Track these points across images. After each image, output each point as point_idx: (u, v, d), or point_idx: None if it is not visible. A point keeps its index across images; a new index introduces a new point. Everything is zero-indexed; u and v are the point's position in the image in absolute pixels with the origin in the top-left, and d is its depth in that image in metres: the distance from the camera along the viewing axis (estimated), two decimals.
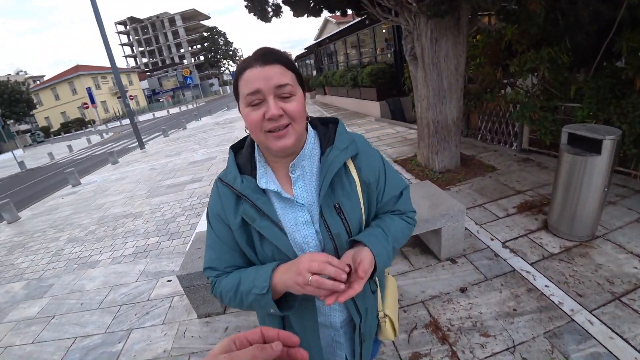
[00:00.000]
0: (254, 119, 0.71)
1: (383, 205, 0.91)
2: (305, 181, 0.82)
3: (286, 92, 0.70)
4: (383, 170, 0.91)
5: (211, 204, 0.87)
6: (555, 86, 3.86)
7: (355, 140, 0.86)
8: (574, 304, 2.15)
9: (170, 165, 8.37)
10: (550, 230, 2.91)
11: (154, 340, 2.36)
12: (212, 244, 0.86)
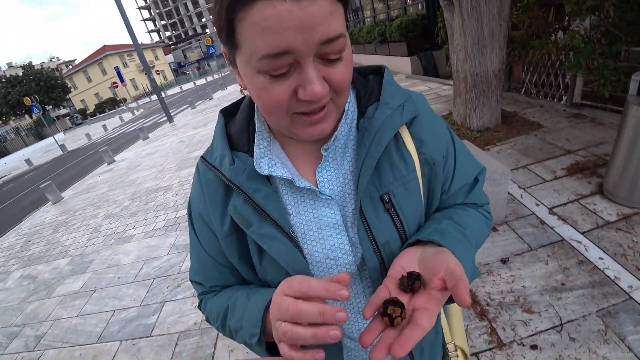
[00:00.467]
0: (275, 99, 0.41)
1: (449, 197, 0.62)
2: (337, 160, 0.55)
3: (336, 50, 0.40)
4: (452, 145, 0.61)
5: (192, 195, 0.62)
6: (621, 27, 3.26)
7: (413, 97, 0.57)
8: (633, 280, 1.91)
9: (198, 136, 8.47)
10: (606, 195, 2.58)
11: (185, 312, 2.42)
12: (195, 252, 0.63)
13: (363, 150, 0.51)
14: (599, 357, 1.57)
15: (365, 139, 0.51)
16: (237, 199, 0.53)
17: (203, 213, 0.58)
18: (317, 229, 0.54)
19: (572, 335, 1.68)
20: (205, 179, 0.57)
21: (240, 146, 0.55)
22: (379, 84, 0.57)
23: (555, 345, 1.66)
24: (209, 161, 0.56)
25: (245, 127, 0.57)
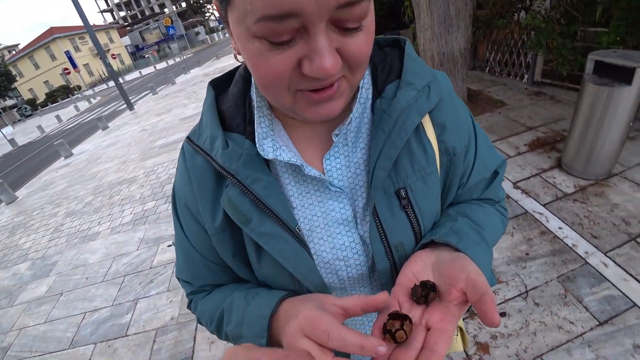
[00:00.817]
0: (273, 71, 0.33)
1: (467, 191, 0.56)
2: (347, 147, 0.47)
3: (356, 16, 0.32)
4: (474, 134, 0.54)
5: (177, 182, 0.53)
6: (579, 7, 3.40)
7: (438, 77, 0.48)
8: (588, 246, 2.06)
9: (161, 124, 8.07)
10: (564, 168, 2.74)
11: (161, 308, 2.35)
12: (182, 248, 0.55)
13: (381, 136, 0.44)
14: (560, 318, 1.70)
15: (385, 124, 0.44)
16: (232, 190, 0.44)
17: (190, 204, 0.50)
18: (325, 225, 0.47)
19: (536, 301, 1.81)
20: (192, 165, 0.48)
21: (234, 126, 0.47)
22: (399, 59, 0.49)
23: (522, 311, 1.77)
24: (197, 143, 0.47)
25: (241, 103, 0.48)
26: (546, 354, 1.56)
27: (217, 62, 19.37)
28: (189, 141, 0.49)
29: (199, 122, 0.50)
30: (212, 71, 15.33)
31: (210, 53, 29.90)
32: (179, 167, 0.52)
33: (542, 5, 3.92)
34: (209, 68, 17.23)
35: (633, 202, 2.31)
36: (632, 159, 2.70)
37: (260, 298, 0.47)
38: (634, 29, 2.86)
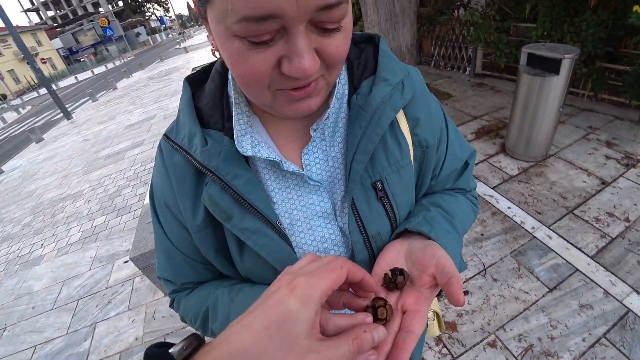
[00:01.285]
0: (253, 70, 0.34)
1: (439, 182, 0.58)
2: (325, 141, 0.48)
3: (335, 18, 0.33)
4: (445, 127, 0.56)
5: (155, 180, 0.52)
6: (511, 5, 3.72)
7: (411, 73, 0.50)
8: (534, 222, 2.26)
9: (105, 133, 7.50)
10: (508, 153, 2.98)
11: (123, 329, 2.19)
12: (162, 246, 0.54)
13: (358, 131, 0.45)
14: (516, 290, 1.85)
15: (361, 119, 0.45)
16: (212, 187, 0.45)
17: (170, 203, 0.49)
18: (305, 218, 0.48)
19: (494, 277, 1.95)
20: (171, 163, 0.48)
21: (212, 123, 0.47)
22: (374, 56, 0.50)
23: (482, 287, 1.90)
24: (175, 140, 0.46)
25: (218, 99, 0.48)
26: (507, 323, 1.70)
27: (162, 64, 18.39)
28: (166, 139, 0.48)
29: (176, 119, 0.50)
30: (157, 74, 14.53)
31: (154, 55, 28.31)
32: (157, 166, 0.52)
33: (478, 2, 4.22)
34: (153, 71, 16.30)
35: (567, 179, 2.57)
36: (564, 141, 3.01)
37: (244, 295, 0.48)
38: (557, 24, 3.19)
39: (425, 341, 1.69)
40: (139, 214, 3.12)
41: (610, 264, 1.89)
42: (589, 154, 2.79)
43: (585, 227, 2.16)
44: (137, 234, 2.27)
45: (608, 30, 2.93)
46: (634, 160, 2.65)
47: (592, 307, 1.69)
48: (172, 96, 8.96)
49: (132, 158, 5.31)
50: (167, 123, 6.66)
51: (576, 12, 3.15)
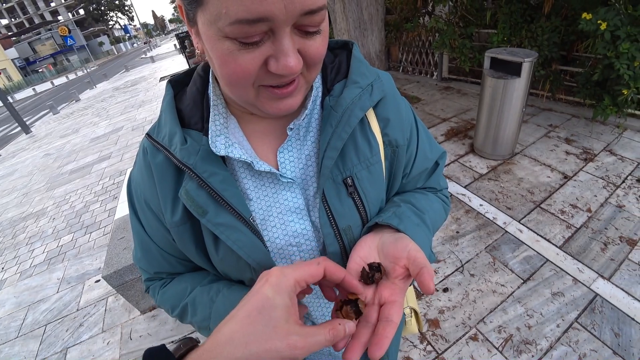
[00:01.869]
0: (242, 68, 0.37)
1: (410, 181, 0.61)
2: (299, 140, 0.51)
3: (316, 22, 0.37)
4: (415, 128, 0.59)
5: (136, 176, 0.54)
6: (472, 12, 3.92)
7: (381, 77, 0.53)
8: (505, 217, 2.37)
9: (69, 146, 7.12)
10: (476, 152, 3.11)
11: (97, 352, 2.07)
12: (139, 239, 0.57)
13: (329, 130, 0.48)
14: (493, 283, 1.92)
15: (332, 119, 0.48)
16: (189, 183, 0.47)
17: (150, 199, 0.52)
18: (278, 214, 0.51)
19: (471, 272, 2.02)
20: (155, 162, 0.50)
21: (192, 123, 0.49)
22: (347, 60, 0.54)
23: (461, 283, 1.96)
24: (156, 139, 0.49)
25: (199, 101, 0.50)
26: (487, 316, 1.76)
27: (127, 74, 17.78)
28: (148, 137, 0.51)
29: (158, 120, 0.52)
30: (123, 85, 14.03)
31: (118, 65, 27.33)
32: (138, 163, 0.54)
33: (442, 10, 4.41)
34: (119, 81, 15.73)
35: (533, 175, 2.72)
36: (528, 139, 3.18)
37: (223, 296, 0.52)
38: (516, 30, 3.39)
39: (410, 339, 1.72)
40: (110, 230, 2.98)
41: (577, 252, 2.01)
42: (551, 151, 2.97)
43: (552, 219, 2.28)
44: (109, 251, 2.16)
45: (561, 36, 3.16)
46: (591, 154, 2.84)
47: (563, 295, 1.79)
48: (139, 107, 8.67)
49: (100, 172, 5.07)
50: (135, 134, 6.42)
51: (532, 19, 3.37)
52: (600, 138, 3.03)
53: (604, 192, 2.44)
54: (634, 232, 2.09)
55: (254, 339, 0.31)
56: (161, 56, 23.28)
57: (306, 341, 0.32)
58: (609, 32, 2.45)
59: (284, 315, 0.33)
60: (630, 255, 1.95)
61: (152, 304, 2.25)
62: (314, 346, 0.33)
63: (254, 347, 0.31)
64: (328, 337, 0.34)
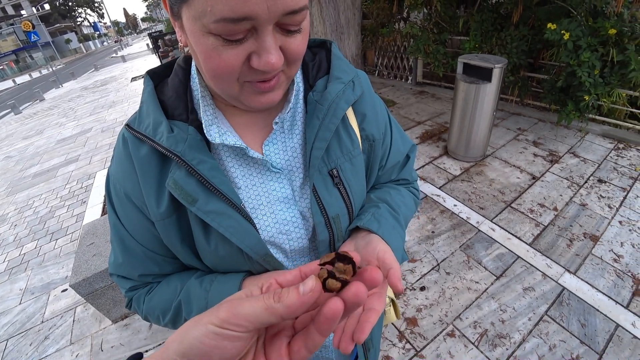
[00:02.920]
0: (226, 64, 0.38)
1: (385, 173, 0.65)
2: (284, 133, 0.53)
3: (297, 21, 0.38)
4: (389, 123, 0.63)
5: (114, 171, 0.52)
6: (446, 20, 4.06)
7: (359, 74, 0.57)
8: (478, 217, 2.45)
9: (32, 148, 6.72)
10: (450, 154, 3.21)
11: None
12: (119, 241, 0.54)
13: (316, 122, 0.50)
14: (468, 281, 1.98)
15: (318, 112, 0.50)
16: (177, 172, 0.46)
17: (132, 193, 0.49)
18: (267, 203, 0.52)
19: (447, 271, 2.07)
20: (137, 155, 0.48)
21: (176, 114, 0.49)
22: (327, 58, 0.56)
23: (437, 282, 2.01)
24: (138, 130, 0.47)
25: (182, 93, 0.50)
26: (463, 313, 1.81)
27: (97, 73, 17.08)
28: (129, 128, 0.49)
29: (138, 111, 0.50)
30: (92, 84, 13.46)
31: (87, 64, 26.17)
32: (118, 156, 0.51)
33: (417, 17, 4.54)
34: (88, 81, 15.07)
35: (504, 176, 2.84)
36: (498, 142, 3.32)
37: (219, 282, 0.51)
38: (487, 37, 3.54)
39: (389, 339, 1.74)
40: (78, 236, 2.83)
41: (545, 249, 2.12)
42: (520, 153, 3.11)
43: (522, 218, 2.39)
44: (77, 258, 2.06)
45: (529, 44, 3.32)
46: (556, 156, 3.00)
47: (534, 289, 1.87)
48: (110, 107, 8.33)
49: (67, 175, 4.82)
50: (105, 136, 6.16)
51: (502, 28, 3.54)
52: (565, 141, 3.21)
53: (569, 191, 2.58)
54: (596, 228, 2.22)
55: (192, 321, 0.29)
56: (133, 55, 22.52)
57: (233, 301, 0.28)
58: (571, 42, 2.61)
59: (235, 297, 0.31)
60: (594, 250, 2.07)
61: (125, 312, 2.15)
62: (243, 303, 0.27)
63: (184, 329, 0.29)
64: (268, 299, 0.27)
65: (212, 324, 0.27)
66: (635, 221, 2.25)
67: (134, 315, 2.16)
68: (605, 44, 2.62)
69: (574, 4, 2.77)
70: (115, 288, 2.02)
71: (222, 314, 0.27)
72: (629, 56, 2.52)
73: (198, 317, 0.28)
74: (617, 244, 2.10)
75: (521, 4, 3.23)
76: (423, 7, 3.96)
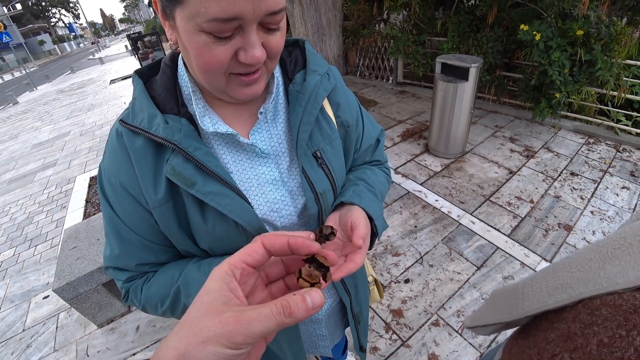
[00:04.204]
0: (216, 59, 0.43)
1: (359, 156, 0.74)
2: (267, 122, 0.59)
3: (277, 21, 0.44)
4: (360, 111, 0.72)
5: (108, 165, 0.54)
6: (424, 21, 4.17)
7: (331, 67, 0.64)
8: (459, 211, 2.54)
9: (6, 153, 6.48)
10: (431, 152, 3.30)
11: None
12: (115, 231, 0.56)
13: (299, 110, 0.56)
14: (450, 272, 2.05)
15: (300, 100, 0.57)
16: (175, 159, 0.50)
17: (128, 184, 0.52)
18: (258, 185, 0.58)
19: (430, 263, 2.14)
20: (133, 147, 0.51)
21: (167, 109, 0.53)
22: (302, 55, 0.63)
23: (421, 274, 2.08)
24: (132, 124, 0.51)
25: (172, 89, 0.54)
26: (447, 303, 1.88)
27: (73, 76, 16.58)
28: (123, 123, 0.52)
29: (131, 107, 0.53)
30: (69, 87, 13.05)
31: (62, 66, 25.33)
32: (112, 151, 0.54)
33: (396, 18, 4.63)
34: (64, 83, 14.61)
35: (482, 171, 2.94)
36: (477, 138, 3.44)
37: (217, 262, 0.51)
38: (464, 38, 3.65)
39: (376, 330, 1.79)
40: (59, 241, 2.77)
41: (523, 239, 2.21)
42: (498, 149, 3.23)
43: (500, 210, 2.49)
44: (59, 262, 2.02)
45: (504, 44, 3.46)
46: (531, 152, 3.14)
47: (513, 278, 1.96)
48: (88, 110, 8.12)
49: (44, 180, 4.68)
50: (84, 140, 6.00)
51: (478, 29, 3.66)
52: (539, 137, 3.36)
53: (544, 184, 2.70)
54: (570, 219, 2.34)
55: (187, 325, 0.29)
56: (111, 57, 21.97)
57: (241, 317, 0.28)
58: (542, 42, 2.74)
59: (221, 299, 0.30)
60: (568, 239, 2.18)
61: (110, 316, 2.12)
62: (254, 323, 0.28)
63: (183, 332, 0.29)
64: (274, 309, 0.28)
65: (225, 347, 0.27)
66: (606, 210, 2.38)
67: (120, 319, 2.13)
68: (573, 44, 2.76)
69: (544, 7, 2.90)
70: (100, 291, 1.99)
71: (238, 339, 0.27)
72: (595, 56, 2.67)
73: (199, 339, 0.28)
74: (589, 233, 2.22)
75: (495, 6, 3.36)
76: (402, 9, 4.05)
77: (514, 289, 0.47)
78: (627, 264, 0.32)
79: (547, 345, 0.35)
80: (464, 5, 3.91)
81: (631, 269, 0.31)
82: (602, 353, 0.28)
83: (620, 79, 2.97)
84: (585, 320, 0.32)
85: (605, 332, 0.29)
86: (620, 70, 2.94)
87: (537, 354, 0.36)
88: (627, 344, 0.27)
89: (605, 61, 2.68)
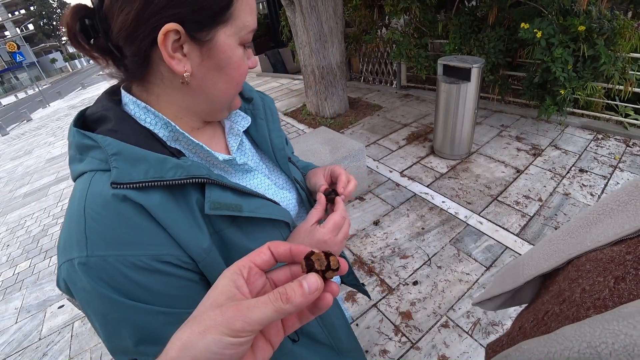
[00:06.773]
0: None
1: None
2: (242, 144, 0.66)
3: None
4: None
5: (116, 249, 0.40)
6: (426, 24, 4.19)
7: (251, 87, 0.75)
8: (466, 212, 2.52)
9: (21, 168, 6.67)
10: (436, 154, 3.29)
11: None
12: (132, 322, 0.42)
13: (262, 123, 0.65)
14: (459, 273, 2.04)
15: (259, 115, 0.65)
16: (212, 193, 0.45)
17: (162, 251, 0.42)
18: (265, 191, 0.64)
19: (438, 265, 2.13)
20: (150, 203, 0.42)
21: (157, 151, 0.46)
22: None
23: (429, 276, 2.07)
24: (135, 181, 0.41)
25: (146, 134, 0.47)
26: (456, 304, 1.86)
27: (84, 92, 17.02)
28: (121, 186, 0.41)
29: (114, 166, 0.42)
30: (79, 103, 13.40)
31: (74, 82, 26.04)
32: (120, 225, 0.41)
33: (398, 23, 4.67)
34: (75, 99, 15.00)
35: (489, 171, 2.93)
36: (482, 139, 3.42)
37: None
38: (465, 39, 3.66)
39: (385, 333, 1.78)
40: None
41: (532, 238, 2.19)
42: (504, 148, 3.21)
43: (509, 210, 2.47)
44: None
45: (505, 44, 3.45)
46: (539, 150, 3.11)
47: None
48: None
49: (58, 193, 4.79)
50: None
51: (479, 29, 3.67)
52: (546, 135, 3.33)
53: (552, 182, 2.68)
54: None
55: (192, 317, 0.31)
56: None
57: (240, 305, 0.29)
58: (544, 39, 2.73)
59: (225, 292, 0.31)
60: None
61: None
62: (253, 309, 0.28)
63: (189, 324, 0.30)
64: (273, 297, 0.29)
65: (225, 335, 0.28)
66: None
67: None
68: (576, 40, 2.74)
69: (545, 4, 2.90)
70: None
71: (237, 325, 0.28)
72: (598, 51, 2.65)
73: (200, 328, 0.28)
74: None
75: (496, 6, 3.36)
76: (403, 13, 4.08)
77: (517, 262, 0.51)
78: (608, 225, 0.37)
79: (541, 306, 0.39)
80: (465, 6, 3.93)
81: (611, 228, 0.36)
82: (584, 298, 0.31)
83: (626, 72, 2.94)
84: (572, 276, 0.36)
85: (587, 282, 0.33)
86: (626, 64, 2.91)
87: (534, 314, 0.39)
88: (603, 287, 0.30)
89: (609, 55, 2.66)
